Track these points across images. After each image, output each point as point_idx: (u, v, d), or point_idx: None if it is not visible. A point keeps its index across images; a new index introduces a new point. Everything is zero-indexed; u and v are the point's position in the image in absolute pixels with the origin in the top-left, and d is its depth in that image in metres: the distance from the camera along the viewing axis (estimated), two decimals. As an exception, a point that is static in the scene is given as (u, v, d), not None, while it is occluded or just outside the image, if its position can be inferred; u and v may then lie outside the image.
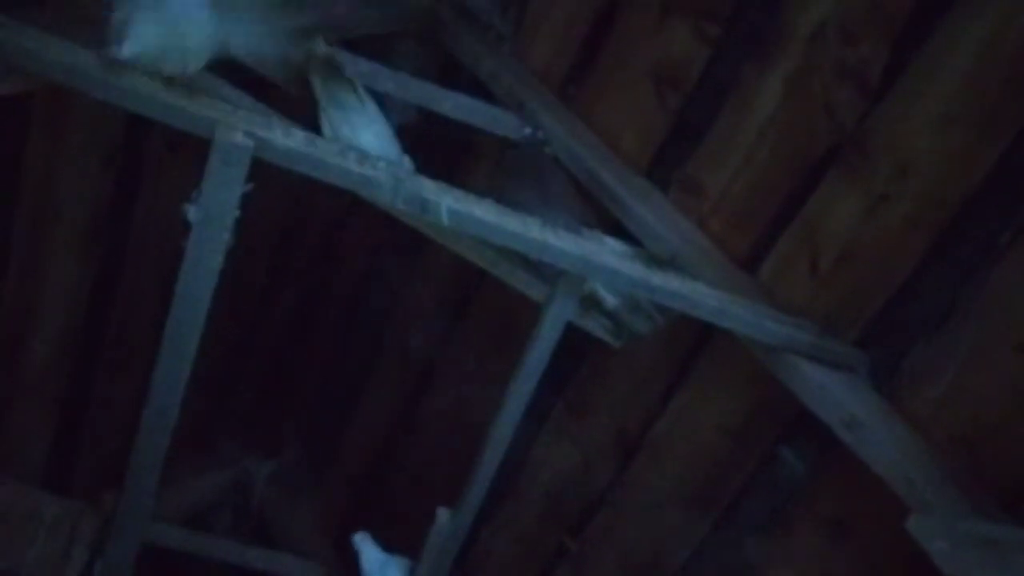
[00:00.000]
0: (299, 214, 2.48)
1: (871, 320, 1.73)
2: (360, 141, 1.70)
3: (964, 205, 1.62)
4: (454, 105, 2.10)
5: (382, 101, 2.15)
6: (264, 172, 1.51)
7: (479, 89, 2.13)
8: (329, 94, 1.68)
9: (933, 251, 1.66)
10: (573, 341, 1.82)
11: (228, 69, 1.69)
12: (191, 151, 1.53)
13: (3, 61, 1.43)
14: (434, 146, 1.93)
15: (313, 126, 1.70)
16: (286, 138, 1.51)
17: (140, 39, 1.47)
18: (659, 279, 1.65)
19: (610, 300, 1.82)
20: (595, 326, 1.84)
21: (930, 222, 1.65)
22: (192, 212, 1.52)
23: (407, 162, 1.82)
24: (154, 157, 2.04)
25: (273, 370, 2.87)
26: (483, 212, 1.60)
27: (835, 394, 1.65)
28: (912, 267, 1.69)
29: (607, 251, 1.67)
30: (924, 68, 1.63)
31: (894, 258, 1.69)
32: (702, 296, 1.67)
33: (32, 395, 2.24)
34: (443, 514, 1.99)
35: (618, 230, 1.91)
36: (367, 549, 2.12)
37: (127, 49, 1.46)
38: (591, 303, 1.83)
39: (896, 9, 1.65)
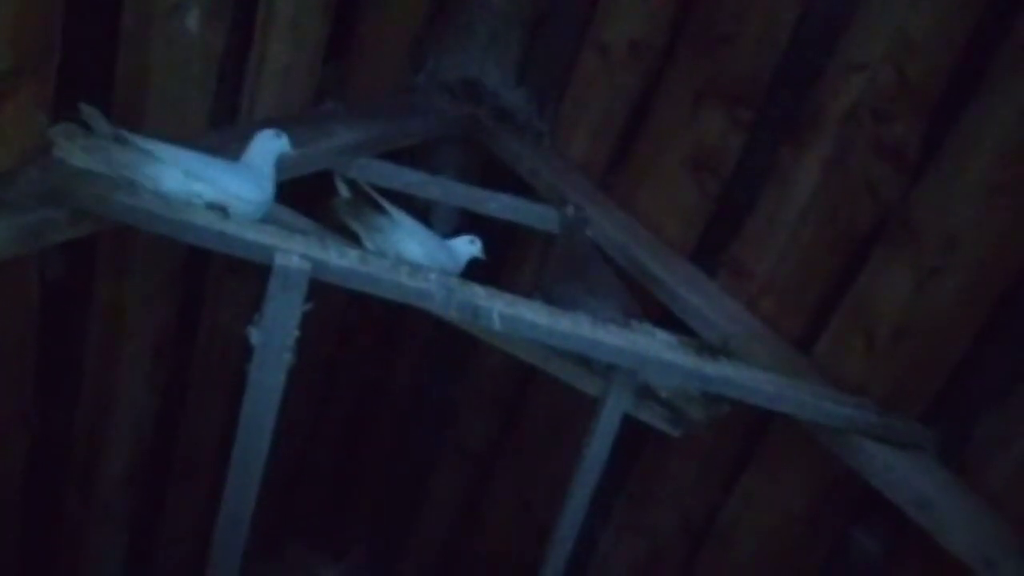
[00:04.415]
0: (352, 317, 2.54)
1: (934, 395, 1.71)
2: (407, 254, 1.75)
3: (1019, 272, 1.60)
4: (498, 205, 2.15)
5: (430, 208, 2.23)
6: (317, 282, 1.56)
7: (521, 186, 2.18)
8: (363, 225, 1.74)
9: (991, 321, 1.64)
10: (631, 431, 1.82)
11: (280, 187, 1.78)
12: (250, 269, 1.58)
13: (75, 207, 1.52)
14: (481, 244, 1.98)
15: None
16: (341, 258, 1.56)
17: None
18: (712, 368, 1.65)
19: (665, 389, 1.81)
20: (652, 416, 1.84)
21: (985, 292, 1.64)
22: (254, 335, 1.57)
23: (474, 243, 1.91)
24: (214, 278, 2.12)
25: (335, 472, 2.89)
26: (533, 315, 1.62)
27: (903, 474, 1.62)
28: (971, 338, 1.67)
29: (658, 344, 1.67)
30: (963, 139, 1.64)
31: (952, 330, 1.68)
32: (758, 383, 1.67)
33: (105, 514, 2.29)
34: (514, 613, 1.97)
35: (666, 316, 1.92)
36: None
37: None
38: (646, 393, 1.83)
39: (928, 85, 1.67)
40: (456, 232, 2.03)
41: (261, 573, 2.78)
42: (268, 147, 1.71)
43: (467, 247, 1.94)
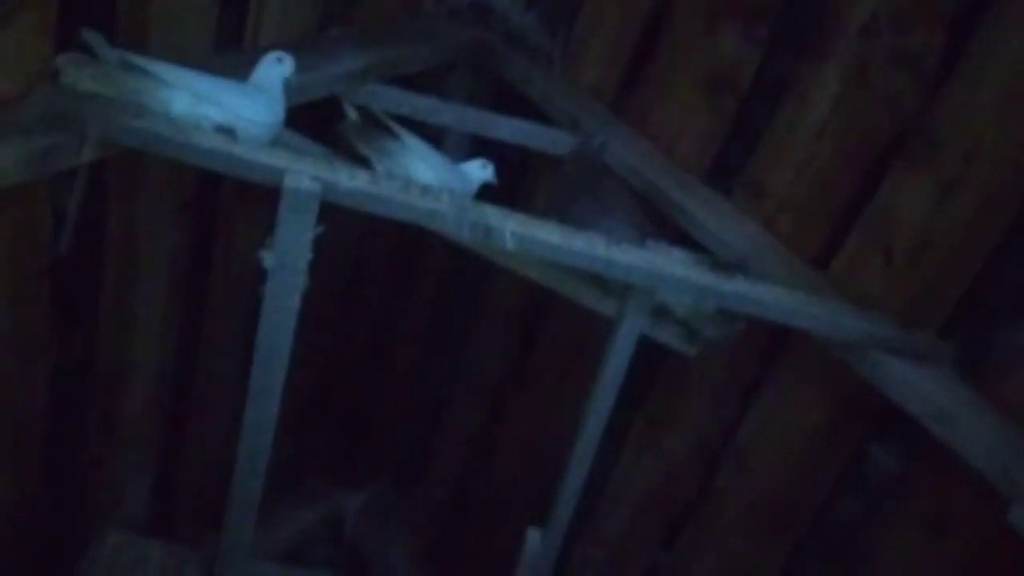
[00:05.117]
0: (367, 247, 2.54)
1: (953, 309, 1.69)
2: (418, 178, 1.74)
3: (1039, 184, 1.58)
4: (511, 130, 2.13)
5: (441, 134, 2.21)
6: (330, 210, 1.56)
7: (533, 111, 2.15)
8: (373, 149, 1.72)
9: (1010, 234, 1.62)
10: (647, 353, 1.82)
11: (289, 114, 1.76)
12: (262, 193, 1.58)
13: (82, 131, 1.51)
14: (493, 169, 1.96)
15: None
16: (351, 180, 1.55)
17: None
18: (728, 285, 1.64)
19: (681, 308, 1.81)
20: (668, 336, 1.84)
21: (1004, 205, 1.61)
22: (267, 258, 1.57)
23: (486, 168, 1.90)
24: (227, 203, 2.12)
25: (354, 403, 2.92)
26: (547, 234, 1.61)
27: (922, 388, 1.61)
28: (990, 252, 1.64)
29: (674, 261, 1.66)
30: (983, 49, 1.59)
31: (970, 244, 1.65)
32: (774, 298, 1.65)
33: (130, 444, 2.32)
34: (533, 534, 2.00)
35: (682, 238, 1.90)
36: None
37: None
38: (662, 312, 1.82)
39: (948, -8, 1.62)
40: (468, 158, 2.01)
41: (283, 503, 2.84)
42: (274, 70, 1.69)
43: (479, 172, 1.93)
